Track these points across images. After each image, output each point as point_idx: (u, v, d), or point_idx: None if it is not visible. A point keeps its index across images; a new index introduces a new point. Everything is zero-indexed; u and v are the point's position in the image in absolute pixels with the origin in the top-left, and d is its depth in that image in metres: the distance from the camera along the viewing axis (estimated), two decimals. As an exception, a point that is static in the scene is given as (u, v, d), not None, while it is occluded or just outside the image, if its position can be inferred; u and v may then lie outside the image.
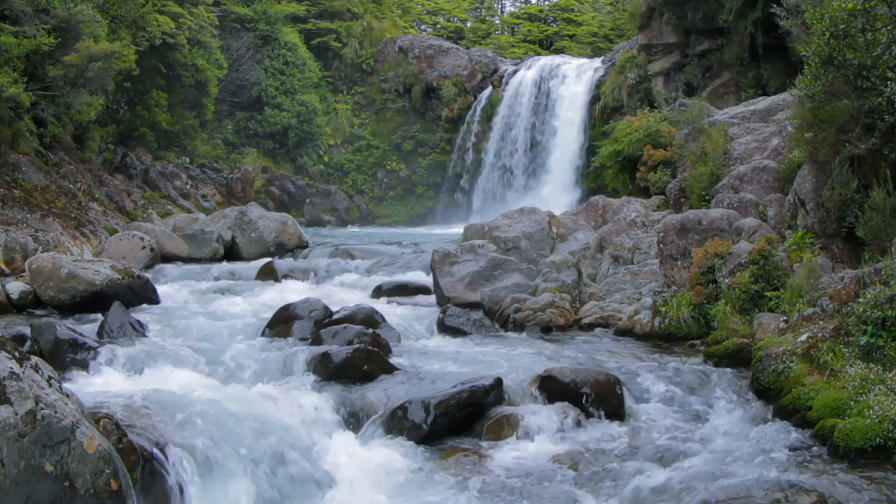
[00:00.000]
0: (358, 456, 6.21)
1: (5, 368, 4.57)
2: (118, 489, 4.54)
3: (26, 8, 16.65)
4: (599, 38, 41.02)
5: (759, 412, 6.86)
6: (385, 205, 34.64)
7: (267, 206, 27.57)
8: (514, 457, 6.14)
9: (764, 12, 18.50)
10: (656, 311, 9.51)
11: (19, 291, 11.17)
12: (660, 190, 15.43)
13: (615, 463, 5.98)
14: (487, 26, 47.56)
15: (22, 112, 16.78)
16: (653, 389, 7.46)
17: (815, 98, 8.94)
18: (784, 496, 4.79)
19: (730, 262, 8.91)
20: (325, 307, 9.80)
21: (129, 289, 11.25)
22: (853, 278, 7.38)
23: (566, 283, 10.78)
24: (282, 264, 14.56)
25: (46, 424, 4.43)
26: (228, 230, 17.55)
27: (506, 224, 13.71)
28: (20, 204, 15.43)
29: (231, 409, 6.18)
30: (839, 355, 6.57)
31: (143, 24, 23.96)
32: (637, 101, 24.85)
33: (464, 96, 33.85)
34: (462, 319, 10.08)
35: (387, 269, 14.45)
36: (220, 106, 32.21)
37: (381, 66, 36.83)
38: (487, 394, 6.76)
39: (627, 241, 12.09)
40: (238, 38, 33.24)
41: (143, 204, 22.15)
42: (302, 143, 34.11)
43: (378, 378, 7.50)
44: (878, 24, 8.30)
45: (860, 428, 5.66)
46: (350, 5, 37.51)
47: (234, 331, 9.52)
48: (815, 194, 9.21)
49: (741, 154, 12.31)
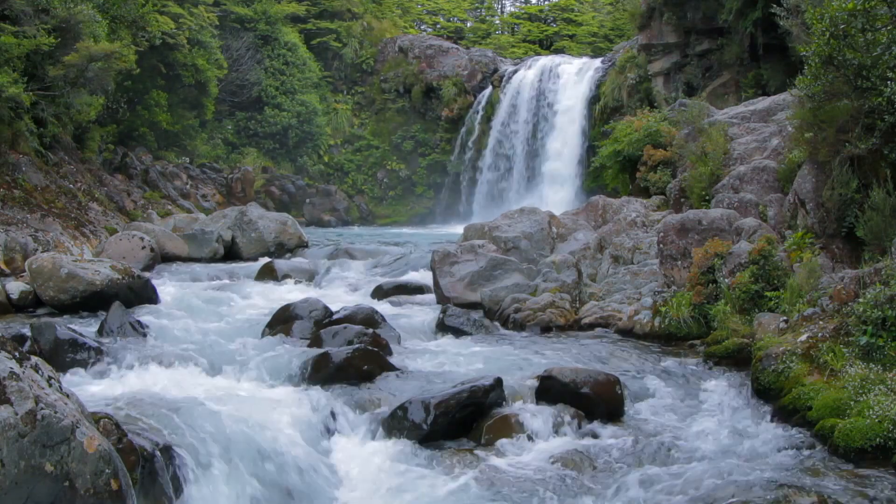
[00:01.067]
0: (358, 456, 6.21)
1: (5, 368, 4.57)
2: (118, 489, 4.54)
3: (26, 8, 16.65)
4: (599, 38, 41.03)
5: (758, 412, 6.86)
6: (385, 205, 34.64)
7: (267, 206, 27.57)
8: (514, 457, 6.14)
9: (764, 12, 18.51)
10: (656, 311, 9.51)
11: (19, 291, 11.17)
12: (660, 190, 15.41)
13: (615, 463, 5.98)
14: (487, 26, 47.56)
15: (22, 112, 16.77)
16: (653, 389, 7.47)
17: (815, 98, 8.93)
18: (784, 496, 4.79)
19: (730, 262, 8.91)
20: (325, 307, 9.79)
21: (129, 289, 11.24)
22: (853, 278, 7.38)
23: (566, 283, 10.78)
24: (282, 264, 14.56)
25: (46, 424, 4.43)
26: (228, 230, 17.55)
27: (506, 224, 13.71)
28: (20, 204, 15.43)
29: (231, 409, 6.18)
30: (839, 355, 6.57)
31: (143, 24, 23.95)
32: (637, 101, 24.85)
33: (464, 96, 33.85)
34: (462, 319, 10.08)
35: (387, 269, 14.46)
36: (220, 106, 32.21)
37: (381, 66, 36.83)
38: (487, 394, 6.75)
39: (627, 241, 12.09)
40: (238, 38, 33.24)
41: (143, 204, 22.14)
42: (302, 143, 34.11)
43: (378, 378, 7.50)
44: (878, 24, 8.30)
45: (860, 428, 5.66)
46: (350, 5, 37.51)
47: (234, 331, 9.52)
48: (815, 194, 9.21)
49: (741, 154, 12.31)
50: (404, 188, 34.87)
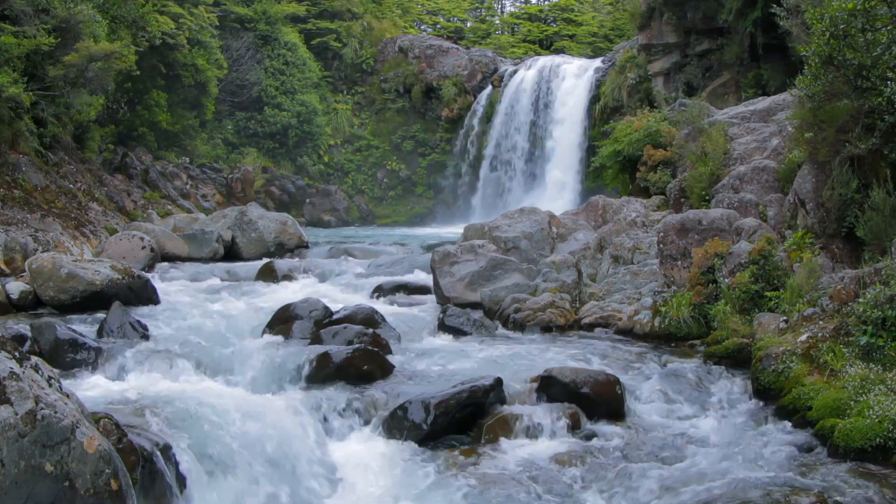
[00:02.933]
0: (358, 455, 6.22)
1: (5, 368, 4.57)
2: (118, 489, 4.54)
3: (26, 8, 16.64)
4: (599, 38, 41.01)
5: (759, 412, 6.86)
6: (385, 205, 34.62)
7: (267, 206, 27.56)
8: (514, 457, 6.14)
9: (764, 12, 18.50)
10: (656, 311, 9.51)
11: (19, 291, 11.17)
12: (660, 190, 15.40)
13: (615, 463, 5.98)
14: (487, 26, 47.53)
15: (22, 112, 16.76)
16: (653, 389, 7.46)
17: (815, 98, 8.93)
18: (784, 496, 4.79)
19: (730, 262, 8.91)
20: (325, 307, 9.79)
21: (129, 289, 11.24)
22: (853, 278, 7.38)
23: (566, 283, 10.78)
24: (282, 264, 14.55)
25: (46, 424, 4.43)
26: (228, 230, 17.55)
27: (506, 224, 13.71)
28: (20, 204, 15.43)
29: (231, 409, 6.18)
30: (839, 355, 6.57)
31: (143, 24, 23.93)
32: (637, 101, 24.84)
33: (464, 96, 33.84)
34: (462, 319, 10.08)
35: (387, 269, 14.45)
36: (220, 106, 32.20)
37: (381, 66, 36.81)
38: (487, 394, 6.76)
39: (627, 241, 12.08)
40: (238, 38, 33.22)
41: (143, 204, 22.13)
42: (302, 143, 34.10)
43: (378, 378, 7.50)
44: (878, 24, 8.30)
45: (860, 428, 5.67)
46: (350, 5, 37.49)
47: (234, 331, 9.52)
48: (815, 194, 9.21)
49: (741, 154, 12.30)
50: (404, 188, 34.86)
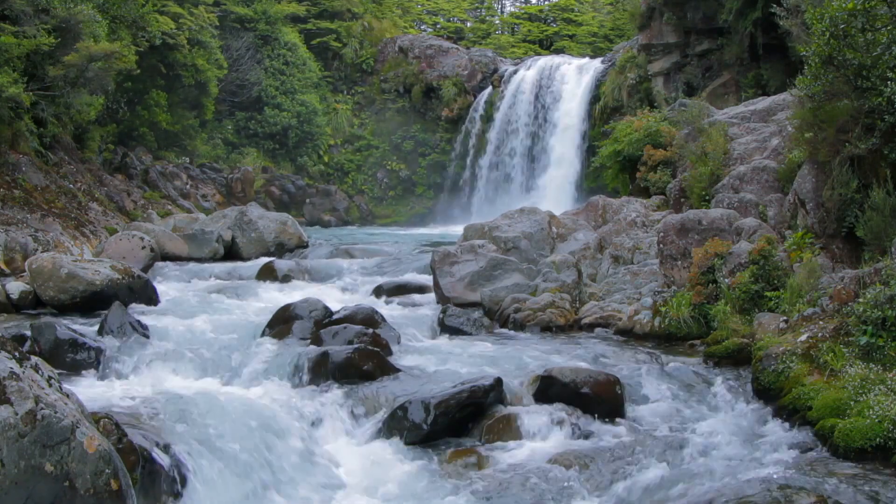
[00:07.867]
0: (358, 456, 6.22)
1: (5, 368, 4.57)
2: (118, 489, 4.54)
3: (26, 8, 16.63)
4: (599, 38, 41.00)
5: (759, 412, 6.86)
6: (385, 205, 34.62)
7: (267, 206, 27.55)
8: (513, 457, 6.14)
9: (764, 12, 18.50)
10: (656, 311, 9.51)
11: (19, 291, 11.17)
12: (660, 190, 15.40)
13: (615, 463, 5.98)
14: (487, 26, 47.53)
15: (22, 112, 16.76)
16: (652, 389, 7.46)
17: (815, 98, 8.93)
18: (784, 496, 4.79)
19: (730, 262, 8.91)
20: (325, 307, 9.79)
21: (129, 289, 11.24)
22: (853, 278, 7.38)
23: (566, 283, 10.78)
24: (282, 264, 14.55)
25: (46, 424, 4.43)
26: (228, 230, 17.54)
27: (506, 224, 13.70)
28: (20, 204, 15.43)
29: (231, 409, 6.18)
30: (839, 355, 6.57)
31: (143, 24, 23.91)
32: (637, 101, 24.83)
33: (464, 96, 33.83)
34: (462, 319, 10.08)
35: (387, 269, 14.44)
36: (220, 106, 32.19)
37: (381, 66, 36.81)
38: (487, 394, 6.76)
39: (627, 241, 12.09)
40: (238, 38, 33.22)
41: (143, 204, 22.13)
42: (302, 143, 34.10)
43: (378, 378, 7.50)
44: (878, 24, 8.30)
45: (860, 428, 5.67)
46: (350, 5, 37.49)
47: (234, 331, 9.51)
48: (815, 194, 9.21)
49: (741, 154, 12.30)
50: (404, 188, 34.85)
